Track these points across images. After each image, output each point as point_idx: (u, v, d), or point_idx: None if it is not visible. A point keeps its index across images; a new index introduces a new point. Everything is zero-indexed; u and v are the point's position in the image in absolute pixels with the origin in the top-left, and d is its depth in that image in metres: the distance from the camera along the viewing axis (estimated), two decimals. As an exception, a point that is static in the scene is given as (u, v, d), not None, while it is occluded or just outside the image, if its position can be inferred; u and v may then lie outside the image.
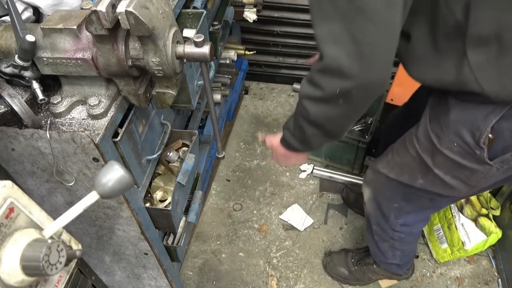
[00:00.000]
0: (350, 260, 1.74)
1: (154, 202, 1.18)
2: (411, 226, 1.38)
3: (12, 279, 0.55)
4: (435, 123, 1.02)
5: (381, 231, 1.44)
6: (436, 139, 1.02)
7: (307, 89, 0.86)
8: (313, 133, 0.95)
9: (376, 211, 1.39)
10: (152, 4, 0.72)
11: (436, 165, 1.06)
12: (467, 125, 0.94)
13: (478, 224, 1.67)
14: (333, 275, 1.77)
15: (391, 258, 1.54)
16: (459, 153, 0.99)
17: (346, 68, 0.76)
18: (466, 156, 0.98)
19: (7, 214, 0.56)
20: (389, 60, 0.77)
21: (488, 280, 1.74)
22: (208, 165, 1.86)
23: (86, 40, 0.77)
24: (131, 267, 1.30)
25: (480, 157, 0.95)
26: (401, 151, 1.19)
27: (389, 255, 1.53)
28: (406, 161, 1.17)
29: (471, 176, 1.02)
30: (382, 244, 1.50)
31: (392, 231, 1.40)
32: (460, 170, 1.02)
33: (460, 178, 1.05)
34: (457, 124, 0.95)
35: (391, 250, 1.50)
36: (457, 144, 0.97)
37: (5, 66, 0.80)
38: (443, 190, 1.12)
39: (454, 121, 0.96)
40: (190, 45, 0.82)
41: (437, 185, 1.11)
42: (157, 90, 0.88)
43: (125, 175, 0.61)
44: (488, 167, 0.97)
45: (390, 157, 1.24)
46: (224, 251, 1.88)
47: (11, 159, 0.90)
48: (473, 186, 1.06)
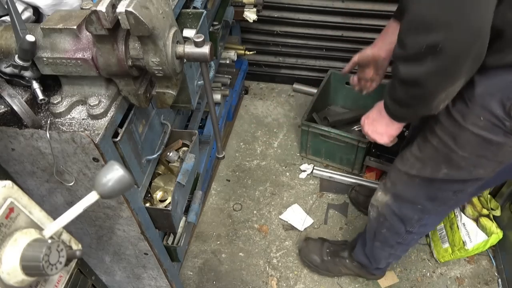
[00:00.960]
0: (325, 250, 1.74)
1: (154, 202, 1.18)
2: (428, 226, 1.36)
3: (12, 279, 0.55)
4: (458, 101, 0.99)
5: (391, 235, 1.40)
6: (460, 117, 0.99)
7: (396, 50, 0.85)
8: (405, 96, 0.93)
9: (392, 216, 1.34)
10: (152, 4, 0.72)
11: (460, 145, 1.03)
12: (496, 96, 0.91)
13: (479, 224, 1.67)
14: (305, 261, 1.78)
15: (383, 264, 1.55)
16: (485, 127, 0.96)
17: (429, 18, 0.73)
18: (493, 130, 0.96)
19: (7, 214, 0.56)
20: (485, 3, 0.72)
21: (488, 280, 1.74)
22: (208, 165, 1.85)
23: (86, 40, 0.77)
24: (131, 267, 1.30)
25: (509, 128, 0.93)
26: (421, 144, 1.16)
27: (381, 262, 1.53)
28: (427, 153, 1.14)
29: (498, 151, 1.00)
30: (381, 251, 1.49)
31: (406, 234, 1.37)
32: (486, 147, 1.00)
33: (486, 156, 1.02)
34: (485, 97, 0.93)
35: (387, 258, 1.50)
36: (483, 118, 0.95)
37: (5, 66, 0.80)
38: (468, 174, 1.09)
39: (481, 94, 0.93)
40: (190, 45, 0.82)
41: (462, 170, 1.09)
42: (157, 90, 0.88)
43: (125, 175, 0.61)
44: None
45: (409, 154, 1.21)
46: (224, 251, 1.88)
47: (11, 159, 0.90)
48: (500, 162, 1.04)
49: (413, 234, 1.38)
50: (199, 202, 1.44)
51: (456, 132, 1.02)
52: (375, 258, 1.53)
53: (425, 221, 1.33)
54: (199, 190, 1.48)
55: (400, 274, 1.77)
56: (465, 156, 1.05)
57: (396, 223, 1.36)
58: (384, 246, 1.46)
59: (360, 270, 1.69)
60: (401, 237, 1.40)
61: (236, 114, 2.49)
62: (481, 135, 0.98)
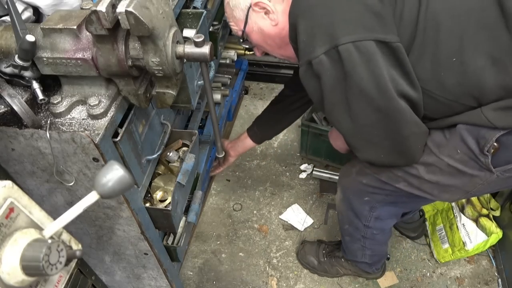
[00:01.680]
0: (321, 251, 1.76)
1: (154, 202, 1.18)
2: (384, 221, 1.37)
3: (12, 279, 0.55)
4: (435, 133, 1.04)
5: (353, 229, 1.43)
6: (436, 148, 1.03)
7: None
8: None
9: (347, 211, 1.38)
10: (152, 4, 0.72)
11: (431, 172, 1.05)
12: (472, 133, 0.95)
13: (479, 225, 1.67)
14: (303, 263, 1.80)
15: (360, 257, 1.56)
16: (461, 160, 1.00)
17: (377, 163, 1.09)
18: (468, 163, 0.99)
19: (7, 214, 0.56)
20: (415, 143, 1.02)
21: (488, 280, 1.74)
22: (208, 165, 1.85)
23: (86, 40, 0.77)
24: (131, 267, 1.30)
25: (484, 163, 0.96)
26: None
27: (359, 254, 1.55)
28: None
29: (469, 182, 1.03)
30: (353, 244, 1.51)
31: (364, 228, 1.39)
32: (458, 177, 1.03)
33: (456, 185, 1.05)
34: (463, 131, 0.97)
35: (361, 250, 1.51)
36: (460, 151, 0.98)
37: (5, 66, 0.80)
38: (430, 196, 1.11)
39: (460, 129, 0.97)
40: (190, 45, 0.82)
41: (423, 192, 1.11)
42: (157, 90, 0.88)
43: (125, 175, 0.61)
44: (489, 174, 0.98)
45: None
46: (224, 251, 1.88)
47: (11, 159, 0.90)
48: (468, 192, 1.06)
49: (372, 228, 1.38)
50: (199, 202, 1.44)
51: (429, 161, 1.05)
52: (350, 251, 1.56)
53: (379, 213, 1.33)
54: (199, 190, 1.48)
55: (400, 274, 1.77)
56: (432, 182, 1.07)
57: (352, 218, 1.38)
58: (353, 240, 1.48)
59: (355, 268, 1.69)
60: (362, 231, 1.41)
61: (236, 114, 2.49)
62: (455, 166, 1.01)
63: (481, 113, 0.93)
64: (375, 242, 1.47)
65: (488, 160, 0.95)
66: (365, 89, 0.90)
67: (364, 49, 0.87)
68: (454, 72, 0.92)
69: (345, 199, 1.37)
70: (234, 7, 1.11)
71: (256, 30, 1.12)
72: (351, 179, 1.29)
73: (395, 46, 0.89)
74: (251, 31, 1.13)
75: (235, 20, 1.14)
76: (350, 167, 1.31)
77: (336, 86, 0.93)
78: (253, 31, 1.12)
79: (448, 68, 0.93)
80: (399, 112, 0.93)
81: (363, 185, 1.25)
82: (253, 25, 1.11)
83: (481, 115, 0.93)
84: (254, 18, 1.10)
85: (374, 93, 0.90)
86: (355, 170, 1.26)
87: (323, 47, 0.90)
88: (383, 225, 1.39)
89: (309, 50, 0.92)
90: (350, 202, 1.35)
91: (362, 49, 0.87)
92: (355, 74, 0.89)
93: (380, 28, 0.89)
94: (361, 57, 0.87)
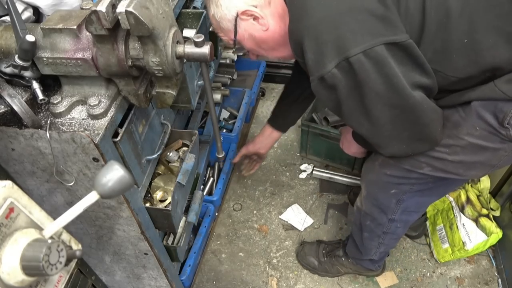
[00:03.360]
0: (321, 251, 1.76)
1: (154, 202, 1.18)
2: (410, 213, 1.36)
3: (12, 279, 0.55)
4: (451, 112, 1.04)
5: (375, 226, 1.42)
6: (454, 129, 1.04)
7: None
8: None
9: (372, 207, 1.37)
10: (152, 4, 0.72)
11: (453, 153, 1.06)
12: (489, 108, 0.96)
13: (479, 224, 1.67)
14: (303, 264, 1.80)
15: (373, 254, 1.55)
16: (481, 136, 1.01)
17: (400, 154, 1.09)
18: (489, 138, 1.00)
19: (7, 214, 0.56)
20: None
21: (488, 280, 1.74)
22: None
23: (86, 40, 0.77)
24: (131, 267, 1.30)
25: (506, 136, 0.97)
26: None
27: (372, 252, 1.54)
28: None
29: (493, 156, 1.04)
30: (371, 242, 1.50)
31: (388, 223, 1.38)
32: (481, 153, 1.04)
33: (480, 161, 1.06)
34: (478, 109, 0.98)
35: (377, 247, 1.51)
36: (479, 128, 1.00)
37: (5, 66, 0.80)
38: (456, 175, 1.12)
39: (475, 106, 0.98)
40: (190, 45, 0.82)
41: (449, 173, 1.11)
42: (157, 90, 0.88)
43: (125, 175, 0.61)
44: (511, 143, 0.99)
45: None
46: (224, 251, 1.88)
47: (11, 159, 0.90)
48: (494, 166, 1.07)
49: (396, 222, 1.38)
50: (199, 202, 1.45)
51: (450, 142, 1.06)
52: (365, 248, 1.54)
53: (406, 205, 1.31)
54: (199, 190, 1.48)
55: (400, 274, 1.77)
56: (455, 162, 1.07)
57: (377, 214, 1.37)
58: (372, 236, 1.47)
59: (356, 266, 1.69)
60: (385, 227, 1.40)
61: (253, 116, 2.49)
62: (476, 143, 1.02)
63: (495, 87, 0.93)
64: (394, 237, 1.46)
65: (509, 132, 0.96)
66: (381, 92, 0.91)
67: (375, 56, 0.88)
68: (467, 53, 0.93)
69: (369, 196, 1.35)
70: (220, 19, 1.09)
71: (247, 37, 1.11)
72: (375, 173, 1.28)
73: (406, 44, 0.90)
74: (243, 38, 1.12)
75: (223, 31, 1.13)
76: (372, 162, 1.29)
77: (352, 94, 0.94)
78: (245, 38, 1.12)
79: (460, 50, 0.94)
80: (416, 106, 0.94)
81: (387, 176, 1.24)
82: (243, 33, 1.10)
83: (495, 88, 0.93)
84: (244, 26, 1.09)
85: (390, 93, 0.92)
86: (378, 163, 1.25)
87: (333, 61, 0.90)
88: (408, 217, 1.38)
89: (320, 66, 0.93)
90: (375, 197, 1.33)
91: (373, 56, 0.88)
92: (370, 81, 0.90)
93: (387, 30, 0.90)
94: (373, 64, 0.88)
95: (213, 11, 1.10)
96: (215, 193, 1.78)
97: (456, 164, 1.08)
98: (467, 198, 1.74)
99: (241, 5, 1.05)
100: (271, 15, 1.07)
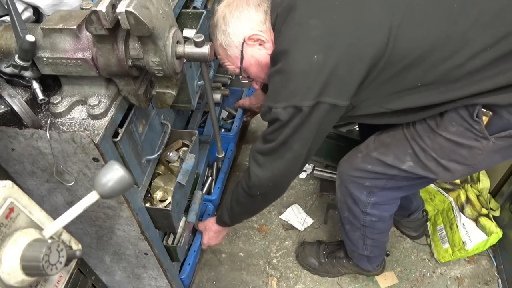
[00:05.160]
0: (322, 252, 1.76)
1: (154, 202, 1.18)
2: (382, 206, 1.38)
3: (12, 279, 0.55)
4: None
5: (352, 217, 1.43)
6: (434, 124, 1.09)
7: (240, 191, 1.27)
8: (239, 211, 1.36)
9: (346, 196, 1.39)
10: (152, 4, 0.72)
11: (432, 148, 1.11)
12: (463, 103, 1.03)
13: (479, 224, 1.67)
14: (304, 265, 1.80)
15: (362, 248, 1.55)
16: (457, 132, 1.06)
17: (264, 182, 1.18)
18: (464, 134, 1.05)
19: (7, 214, 0.56)
20: (289, 181, 1.26)
21: (488, 280, 1.74)
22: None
23: (86, 40, 0.77)
24: (131, 267, 1.30)
25: (479, 131, 1.03)
26: (392, 133, 1.21)
27: (360, 244, 1.54)
28: (397, 141, 1.18)
29: (469, 155, 1.08)
30: (353, 233, 1.51)
31: (363, 216, 1.40)
32: (457, 151, 1.08)
33: (457, 160, 1.10)
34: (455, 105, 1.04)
35: (362, 239, 1.51)
36: (455, 123, 1.05)
37: (5, 66, 0.80)
38: (434, 175, 1.16)
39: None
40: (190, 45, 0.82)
41: (428, 170, 1.15)
42: (157, 90, 0.88)
43: (125, 175, 0.61)
44: (485, 142, 1.04)
45: (375, 138, 1.26)
46: (224, 251, 1.88)
47: (11, 159, 0.90)
48: (470, 166, 1.11)
49: (370, 215, 1.39)
50: (199, 202, 1.45)
51: (431, 137, 1.11)
52: (351, 241, 1.56)
53: (376, 199, 1.34)
54: (199, 190, 1.48)
55: (400, 274, 1.77)
56: (435, 157, 1.12)
57: (351, 204, 1.39)
58: (353, 228, 1.49)
59: (357, 267, 1.69)
60: (361, 220, 1.42)
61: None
62: (453, 139, 1.07)
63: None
64: (375, 231, 1.47)
65: (481, 127, 1.02)
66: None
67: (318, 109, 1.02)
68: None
69: (343, 185, 1.38)
70: (227, 47, 1.13)
71: (253, 63, 1.14)
72: (354, 164, 1.30)
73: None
74: (249, 65, 1.15)
75: (230, 59, 1.16)
76: (355, 153, 1.32)
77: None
78: (251, 64, 1.15)
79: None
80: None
81: (366, 172, 1.27)
82: (249, 59, 1.14)
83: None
84: (250, 52, 1.12)
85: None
86: (361, 156, 1.27)
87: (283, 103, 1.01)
88: (381, 211, 1.40)
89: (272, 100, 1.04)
90: (347, 187, 1.36)
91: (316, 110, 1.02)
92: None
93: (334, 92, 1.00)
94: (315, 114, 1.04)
95: (220, 40, 1.14)
96: (214, 192, 1.78)
97: (435, 162, 1.12)
98: (466, 198, 1.74)
99: (247, 31, 1.10)
100: (273, 41, 1.12)
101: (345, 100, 1.02)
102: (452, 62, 0.98)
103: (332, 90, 0.99)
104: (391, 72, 1.02)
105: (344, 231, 1.54)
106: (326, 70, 0.97)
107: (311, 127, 1.04)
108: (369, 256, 1.59)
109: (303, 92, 0.98)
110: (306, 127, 1.03)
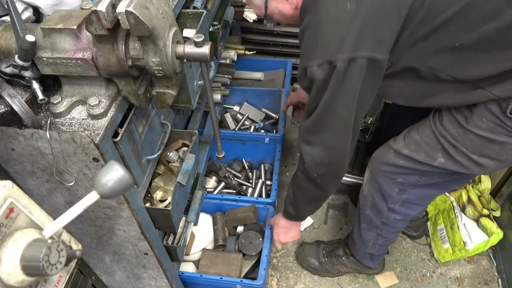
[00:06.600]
0: (321, 252, 1.76)
1: (154, 202, 1.18)
2: (411, 205, 1.36)
3: (12, 279, 0.55)
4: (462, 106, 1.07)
5: (374, 214, 1.42)
6: (463, 120, 1.07)
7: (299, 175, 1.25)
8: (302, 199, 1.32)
9: (374, 193, 1.37)
10: (152, 4, 0.72)
11: (462, 144, 1.09)
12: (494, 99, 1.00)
13: (480, 225, 1.67)
14: (304, 265, 1.80)
15: (370, 247, 1.55)
16: (488, 128, 1.04)
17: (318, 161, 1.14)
18: (496, 130, 1.04)
19: (7, 214, 0.56)
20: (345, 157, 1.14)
21: (488, 280, 1.74)
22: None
23: (86, 40, 0.77)
24: (131, 267, 1.30)
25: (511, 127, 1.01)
26: (421, 130, 1.19)
27: (370, 243, 1.54)
28: (427, 139, 1.17)
29: (501, 150, 1.07)
30: (368, 232, 1.50)
31: (388, 213, 1.39)
32: (489, 147, 1.07)
33: (489, 155, 1.09)
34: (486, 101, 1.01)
35: (375, 238, 1.51)
36: (486, 119, 1.03)
37: (5, 66, 0.80)
38: (466, 170, 1.14)
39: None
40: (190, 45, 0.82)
41: (460, 165, 1.13)
42: (157, 90, 0.88)
43: (125, 175, 0.61)
44: None
45: (405, 134, 1.24)
46: (224, 251, 1.88)
47: (11, 159, 0.90)
48: (503, 161, 1.10)
49: (396, 213, 1.38)
50: (199, 202, 1.44)
51: (460, 133, 1.09)
52: (363, 240, 1.54)
53: (408, 196, 1.32)
54: (199, 190, 1.48)
55: (400, 274, 1.77)
56: (466, 153, 1.10)
57: (378, 200, 1.37)
58: (370, 227, 1.48)
59: (357, 265, 1.69)
60: (384, 217, 1.41)
61: None
62: (483, 136, 1.05)
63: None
64: (393, 229, 1.46)
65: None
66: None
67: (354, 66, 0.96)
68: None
69: (374, 180, 1.35)
70: None
71: (277, 12, 1.18)
72: (386, 160, 1.28)
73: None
74: (273, 13, 1.19)
75: (254, 5, 1.20)
76: (388, 148, 1.30)
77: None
78: (274, 13, 1.19)
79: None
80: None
81: (398, 167, 1.25)
82: (273, 9, 1.17)
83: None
84: (274, 3, 1.16)
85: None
86: (393, 151, 1.26)
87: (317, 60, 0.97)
88: (409, 210, 1.38)
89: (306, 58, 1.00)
90: (379, 182, 1.34)
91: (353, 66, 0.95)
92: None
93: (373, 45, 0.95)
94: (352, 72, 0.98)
95: None
96: (271, 195, 1.81)
97: (466, 158, 1.11)
98: (468, 198, 1.74)
99: None
100: None
101: (384, 53, 0.96)
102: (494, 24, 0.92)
103: (369, 42, 0.93)
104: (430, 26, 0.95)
105: (358, 229, 1.53)
106: (360, 18, 0.91)
107: (351, 87, 0.97)
108: (374, 254, 1.59)
109: (337, 44, 0.93)
110: (346, 88, 0.97)
